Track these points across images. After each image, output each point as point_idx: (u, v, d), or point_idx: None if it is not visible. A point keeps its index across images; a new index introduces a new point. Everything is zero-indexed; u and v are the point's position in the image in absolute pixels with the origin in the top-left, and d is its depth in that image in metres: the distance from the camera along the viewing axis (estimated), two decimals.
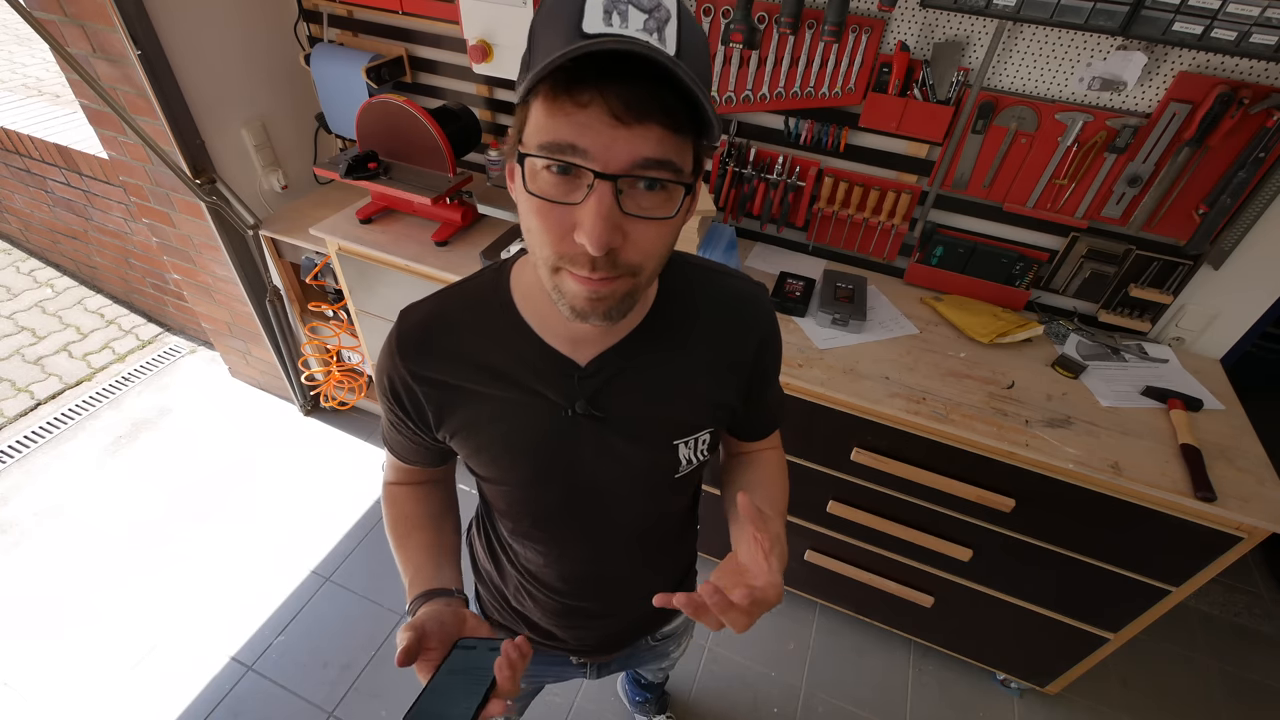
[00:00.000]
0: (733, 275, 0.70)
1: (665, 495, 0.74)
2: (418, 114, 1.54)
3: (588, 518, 0.71)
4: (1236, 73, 1.15)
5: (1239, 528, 1.10)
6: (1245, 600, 1.96)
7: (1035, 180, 1.36)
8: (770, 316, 0.71)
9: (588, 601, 0.81)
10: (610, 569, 0.79)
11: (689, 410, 0.67)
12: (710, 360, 0.66)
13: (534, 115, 0.46)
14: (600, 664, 0.97)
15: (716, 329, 0.67)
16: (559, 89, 0.43)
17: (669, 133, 0.44)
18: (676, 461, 0.68)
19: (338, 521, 2.03)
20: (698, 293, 0.66)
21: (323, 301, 2.05)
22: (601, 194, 0.45)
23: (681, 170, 0.46)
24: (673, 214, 0.48)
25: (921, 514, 1.39)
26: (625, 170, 0.44)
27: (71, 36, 1.55)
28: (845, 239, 1.59)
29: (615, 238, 0.46)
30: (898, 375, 1.31)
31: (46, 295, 2.94)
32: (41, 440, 2.25)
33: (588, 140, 0.44)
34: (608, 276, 0.48)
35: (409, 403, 0.66)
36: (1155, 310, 1.43)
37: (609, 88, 0.42)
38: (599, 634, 0.88)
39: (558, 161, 0.45)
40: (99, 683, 1.63)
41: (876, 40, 1.33)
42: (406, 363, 0.64)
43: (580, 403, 0.62)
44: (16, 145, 2.44)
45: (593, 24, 0.42)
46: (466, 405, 0.64)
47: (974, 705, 1.68)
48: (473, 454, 0.68)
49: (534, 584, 0.80)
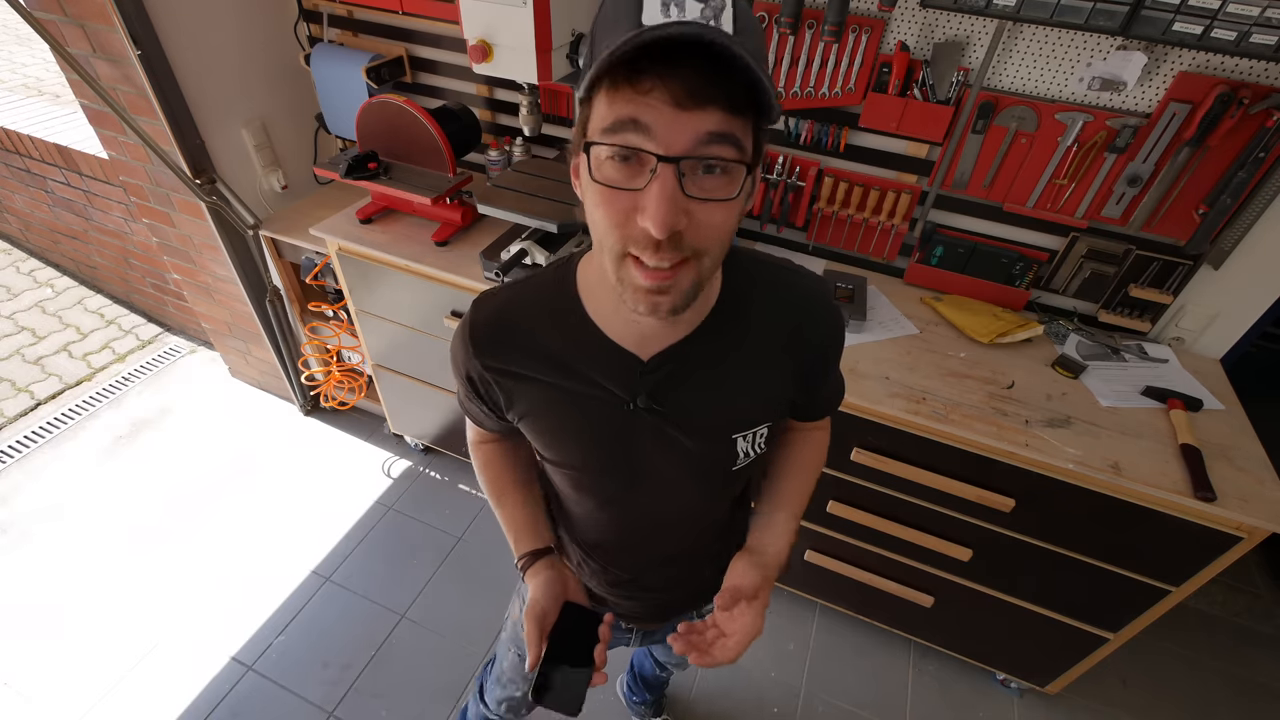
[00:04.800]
0: (796, 271, 0.71)
1: (721, 485, 0.76)
2: (418, 114, 1.54)
3: (646, 503, 0.74)
4: (1236, 73, 1.15)
5: (1239, 528, 1.10)
6: (1245, 600, 1.96)
7: (1035, 180, 1.36)
8: (833, 312, 0.71)
9: (642, 576, 0.85)
10: (665, 549, 0.82)
11: (748, 406, 0.68)
12: (770, 356, 0.67)
13: (597, 107, 0.47)
14: (646, 631, 1.00)
15: (778, 325, 0.67)
16: (620, 80, 0.45)
17: (729, 115, 0.45)
18: (735, 455, 0.70)
19: (338, 521, 2.03)
20: (760, 289, 0.67)
21: (323, 301, 2.05)
22: (665, 177, 0.45)
23: (743, 147, 0.47)
24: (735, 194, 0.48)
25: (921, 514, 1.39)
26: (688, 151, 0.45)
27: (71, 36, 1.55)
28: (845, 239, 1.59)
29: (679, 219, 0.47)
30: (898, 375, 1.31)
31: (46, 295, 2.94)
32: (41, 440, 2.25)
33: (650, 117, 0.45)
34: (673, 263, 0.49)
35: (481, 387, 0.71)
36: (1155, 310, 1.43)
37: (670, 76, 0.43)
38: (651, 605, 0.91)
39: (620, 146, 0.46)
40: (99, 683, 1.63)
41: (876, 40, 1.33)
42: (479, 353, 0.67)
43: (642, 397, 0.64)
44: (16, 145, 2.44)
45: (652, 15, 0.44)
46: (534, 393, 0.68)
47: (974, 705, 1.68)
48: (537, 437, 0.71)
49: (593, 556, 0.84)
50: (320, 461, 2.23)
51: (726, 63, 0.43)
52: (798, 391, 0.71)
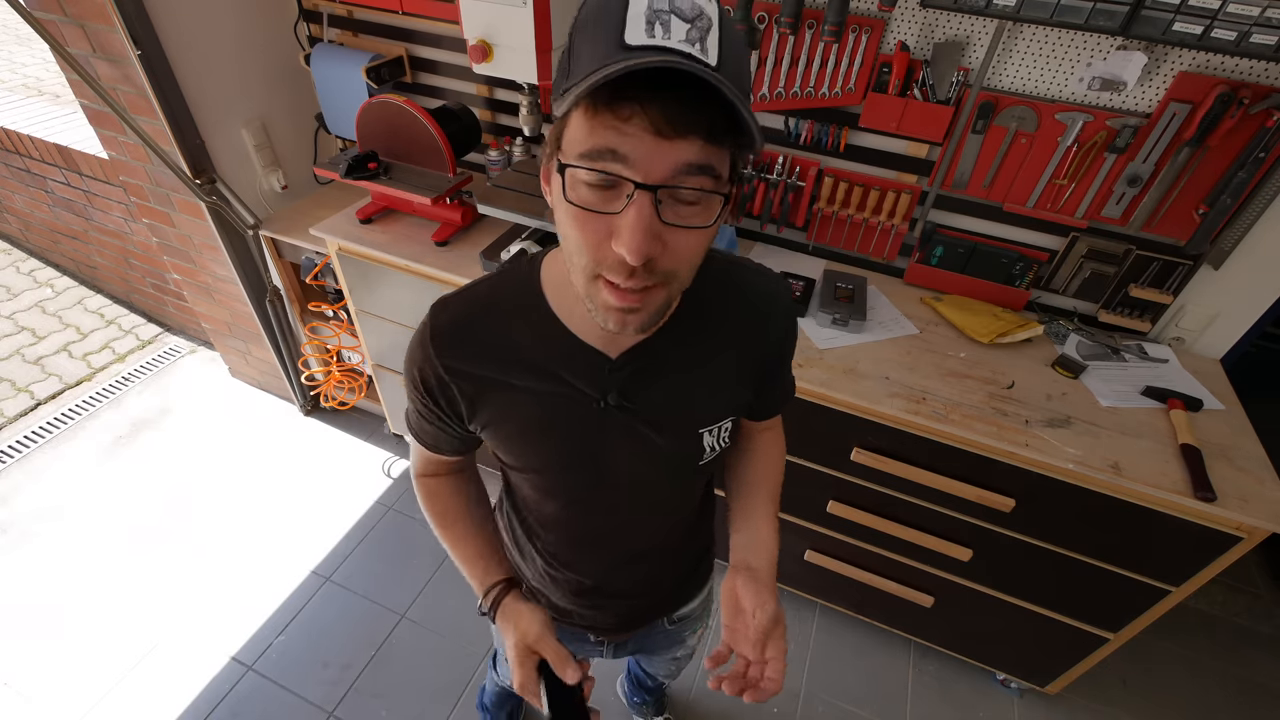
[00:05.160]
0: (754, 268, 0.72)
1: (688, 481, 0.77)
2: (418, 114, 1.54)
3: (614, 503, 0.74)
4: (1236, 73, 1.15)
5: (1239, 528, 1.10)
6: (1245, 600, 1.96)
7: (1035, 180, 1.36)
8: (790, 309, 0.73)
9: (610, 581, 0.85)
10: (633, 550, 0.82)
11: (714, 401, 0.69)
12: (733, 352, 0.68)
13: (574, 125, 0.46)
14: (617, 643, 0.99)
15: (740, 322, 0.69)
16: (600, 103, 0.44)
17: (708, 144, 0.45)
18: (701, 450, 0.70)
19: (338, 521, 2.03)
20: (722, 286, 0.68)
21: (323, 301, 2.05)
22: (641, 204, 0.45)
23: (720, 177, 0.47)
24: (710, 222, 0.49)
25: (921, 514, 1.39)
26: (666, 180, 0.45)
27: (71, 36, 1.55)
28: (845, 239, 1.59)
29: (654, 247, 0.47)
30: (898, 375, 1.31)
31: (46, 295, 2.94)
32: (41, 440, 2.25)
33: (629, 147, 0.44)
34: (644, 286, 0.49)
35: (441, 395, 0.68)
36: (1155, 310, 1.43)
37: (650, 103, 0.42)
38: (618, 613, 0.90)
39: (599, 172, 0.45)
40: (99, 683, 1.63)
41: (876, 40, 1.33)
42: (440, 356, 0.65)
43: (612, 395, 0.64)
44: (16, 145, 2.44)
45: (635, 35, 0.42)
46: (499, 397, 0.66)
47: (974, 705, 1.68)
48: (503, 443, 0.70)
49: (557, 566, 0.83)
50: (320, 461, 2.23)
51: (708, 91, 0.42)
52: (754, 389, 0.73)
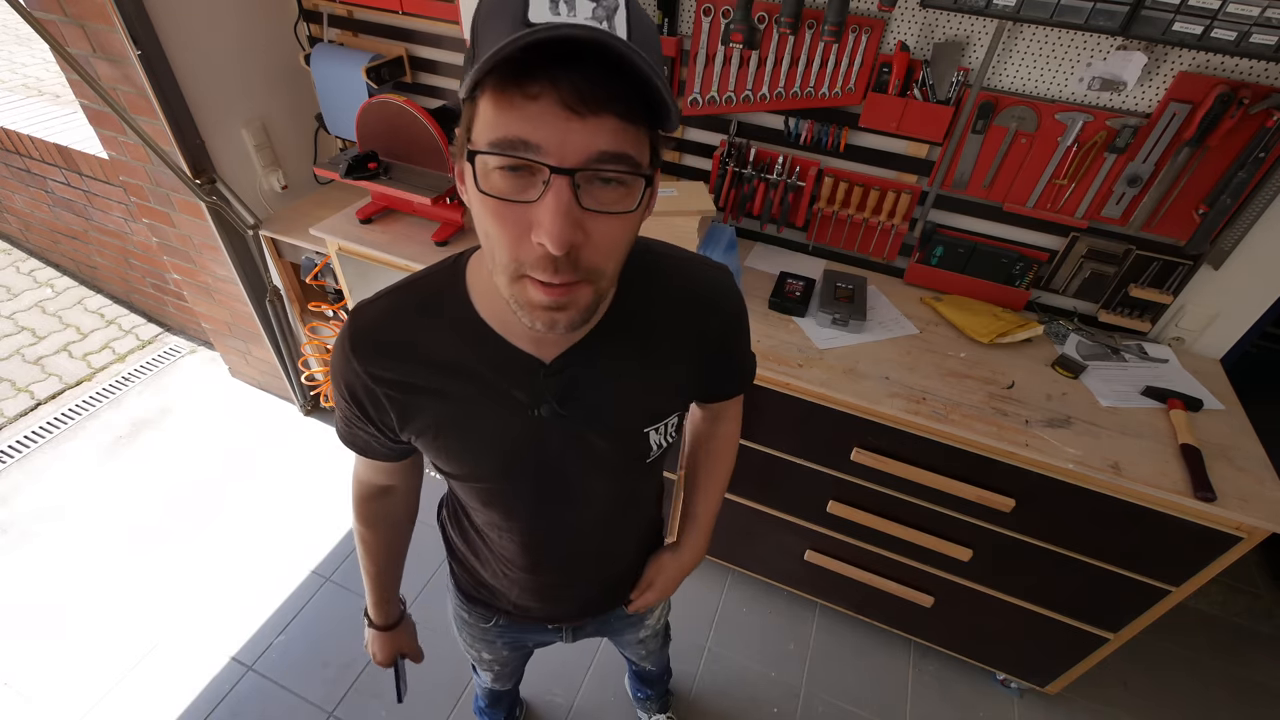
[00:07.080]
0: (694, 260, 0.69)
1: (637, 479, 0.75)
2: (418, 114, 1.54)
3: (559, 506, 0.72)
4: (1236, 73, 1.15)
5: (1239, 528, 1.10)
6: (1245, 600, 1.96)
7: (1035, 180, 1.36)
8: (734, 295, 0.71)
9: (561, 577, 0.84)
10: (583, 546, 0.81)
11: (657, 397, 0.67)
12: (675, 346, 0.67)
13: (482, 111, 0.44)
14: (575, 628, 0.99)
15: (680, 315, 0.66)
16: (507, 82, 0.41)
17: (624, 124, 0.43)
18: (648, 449, 0.69)
19: (338, 521, 2.03)
20: (660, 280, 0.65)
21: (323, 301, 2.05)
22: (559, 189, 0.43)
23: (639, 163, 0.45)
24: (633, 208, 0.46)
25: (921, 514, 1.39)
26: (582, 164, 0.43)
27: (71, 36, 1.55)
28: (845, 239, 1.59)
29: (576, 235, 0.44)
30: (898, 375, 1.31)
31: (46, 295, 2.94)
32: (41, 440, 2.25)
33: (541, 135, 0.42)
34: (570, 281, 0.47)
35: (370, 404, 0.64)
36: (1155, 310, 1.43)
37: (560, 78, 0.40)
38: (572, 603, 0.91)
39: (509, 156, 0.42)
40: (99, 683, 1.63)
41: (876, 40, 1.33)
42: (363, 363, 0.61)
43: (548, 401, 0.61)
44: (16, 145, 2.44)
45: (539, 13, 0.40)
46: (430, 406, 0.62)
47: (974, 705, 1.68)
48: (438, 454, 0.66)
49: (508, 567, 0.82)
50: (320, 461, 2.23)
51: (621, 67, 0.40)
52: (704, 377, 0.72)
